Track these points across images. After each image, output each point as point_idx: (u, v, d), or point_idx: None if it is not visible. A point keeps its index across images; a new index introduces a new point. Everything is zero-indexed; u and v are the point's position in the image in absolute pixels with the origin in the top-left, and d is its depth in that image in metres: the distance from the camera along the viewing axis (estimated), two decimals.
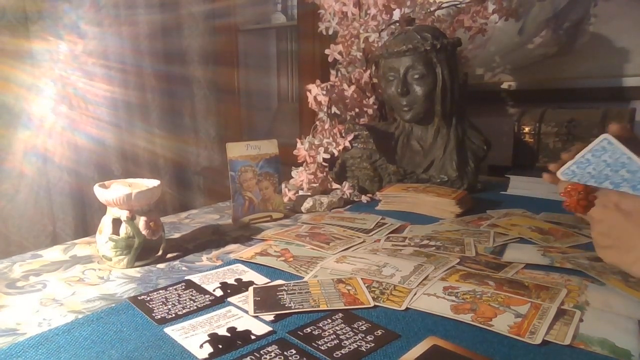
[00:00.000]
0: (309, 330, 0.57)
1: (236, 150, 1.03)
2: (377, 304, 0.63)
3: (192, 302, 0.65)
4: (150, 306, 0.64)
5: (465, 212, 1.06)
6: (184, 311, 0.63)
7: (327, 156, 1.22)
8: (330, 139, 1.24)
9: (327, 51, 1.43)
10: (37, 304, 0.66)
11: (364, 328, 0.57)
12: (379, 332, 0.56)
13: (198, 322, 0.60)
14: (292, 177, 1.26)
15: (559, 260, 0.76)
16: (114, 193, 0.77)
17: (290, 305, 0.63)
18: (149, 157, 2.03)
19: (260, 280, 0.72)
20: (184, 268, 0.79)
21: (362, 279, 0.70)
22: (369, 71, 1.43)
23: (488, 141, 1.29)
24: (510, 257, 0.79)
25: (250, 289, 0.68)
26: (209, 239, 0.94)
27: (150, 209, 0.81)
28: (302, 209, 1.13)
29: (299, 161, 1.24)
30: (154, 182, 0.83)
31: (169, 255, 0.84)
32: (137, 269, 0.79)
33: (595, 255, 0.76)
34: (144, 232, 0.79)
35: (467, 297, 0.64)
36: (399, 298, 0.64)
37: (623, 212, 0.55)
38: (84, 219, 1.81)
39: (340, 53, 1.43)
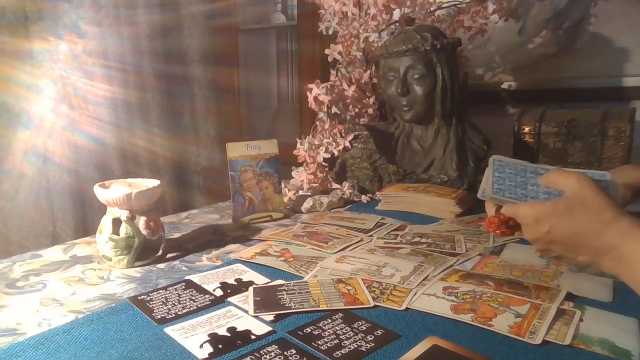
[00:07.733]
0: (309, 330, 0.57)
1: (236, 150, 1.03)
2: (377, 304, 0.63)
3: (192, 302, 0.65)
4: (150, 306, 0.64)
5: (465, 212, 1.06)
6: (184, 311, 0.63)
7: (327, 156, 1.22)
8: (330, 139, 1.24)
9: (327, 51, 1.43)
10: (37, 304, 0.66)
11: (364, 328, 0.57)
12: (379, 332, 0.56)
13: (198, 322, 0.60)
14: (292, 177, 1.26)
15: (554, 260, 0.76)
16: (114, 193, 0.77)
17: (290, 305, 0.63)
18: (149, 157, 2.03)
19: (260, 280, 0.72)
20: (184, 268, 0.79)
21: (362, 279, 0.70)
22: (369, 71, 1.43)
23: (488, 141, 1.29)
24: (507, 257, 0.79)
25: (250, 289, 0.68)
26: (209, 239, 0.94)
27: (150, 209, 0.81)
28: (302, 209, 1.13)
29: (299, 161, 1.24)
30: (154, 182, 0.83)
31: (169, 255, 0.84)
32: (137, 268, 0.79)
33: None
34: (144, 232, 0.79)
35: (467, 297, 0.64)
36: (398, 298, 0.64)
37: (545, 228, 0.56)
38: (84, 219, 1.81)
39: (340, 53, 1.43)
